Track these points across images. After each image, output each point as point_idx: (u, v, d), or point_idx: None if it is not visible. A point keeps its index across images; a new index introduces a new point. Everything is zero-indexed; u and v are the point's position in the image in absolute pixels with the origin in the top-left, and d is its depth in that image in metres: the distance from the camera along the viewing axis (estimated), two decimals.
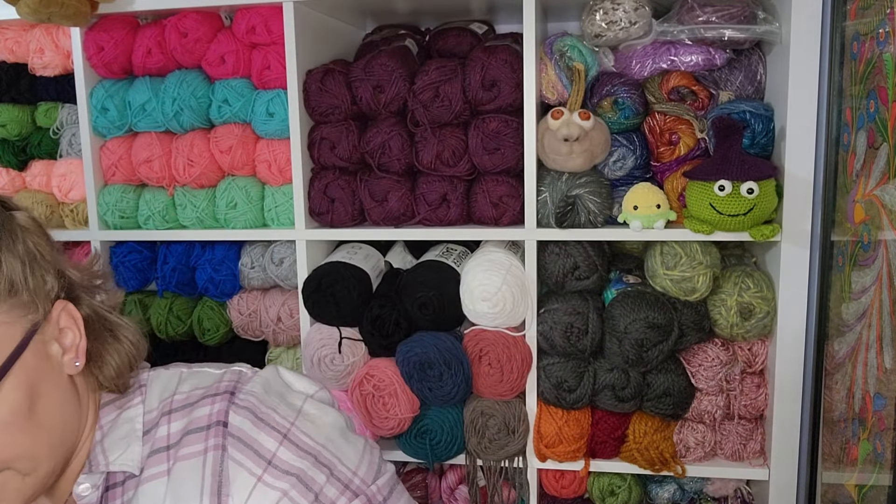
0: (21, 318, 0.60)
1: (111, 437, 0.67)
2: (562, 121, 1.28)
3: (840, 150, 1.20)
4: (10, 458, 0.59)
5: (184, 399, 0.68)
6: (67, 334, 0.65)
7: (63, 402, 0.64)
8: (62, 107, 1.58)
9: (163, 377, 0.72)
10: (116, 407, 0.69)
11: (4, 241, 0.61)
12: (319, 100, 1.40)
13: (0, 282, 0.59)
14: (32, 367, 0.60)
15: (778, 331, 1.30)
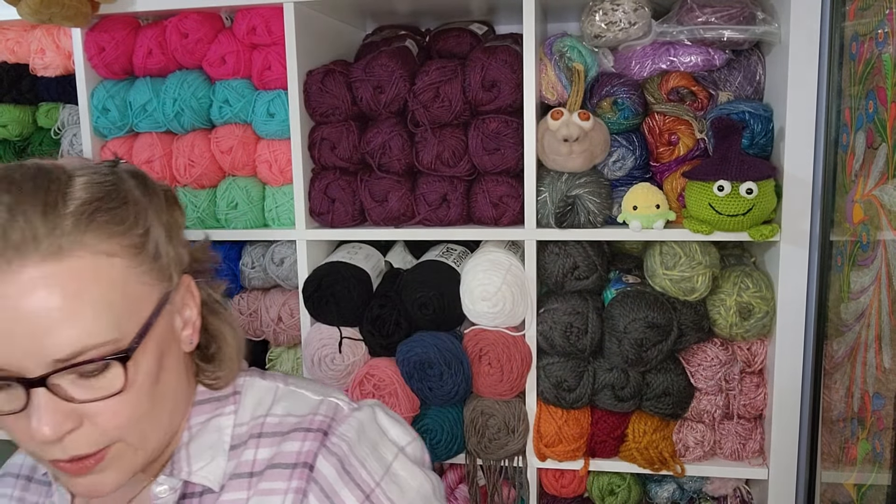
0: (158, 283, 0.60)
1: (198, 443, 0.66)
2: (561, 121, 1.28)
3: (839, 151, 1.20)
4: (129, 423, 0.58)
5: (276, 424, 0.66)
6: (187, 309, 0.65)
7: (179, 380, 0.64)
8: (63, 107, 1.58)
9: (258, 388, 0.70)
10: (209, 410, 0.68)
11: (154, 208, 0.62)
12: (320, 100, 1.40)
13: (149, 244, 0.60)
14: (162, 336, 0.60)
15: (777, 331, 1.30)
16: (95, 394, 0.56)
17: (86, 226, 0.55)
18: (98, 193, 0.57)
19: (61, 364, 0.53)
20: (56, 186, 0.56)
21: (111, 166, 0.63)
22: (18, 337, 0.53)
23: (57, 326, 0.53)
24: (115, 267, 0.56)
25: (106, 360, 0.55)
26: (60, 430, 0.54)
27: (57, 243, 0.53)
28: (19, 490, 0.74)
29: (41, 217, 0.54)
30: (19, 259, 0.52)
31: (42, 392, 0.54)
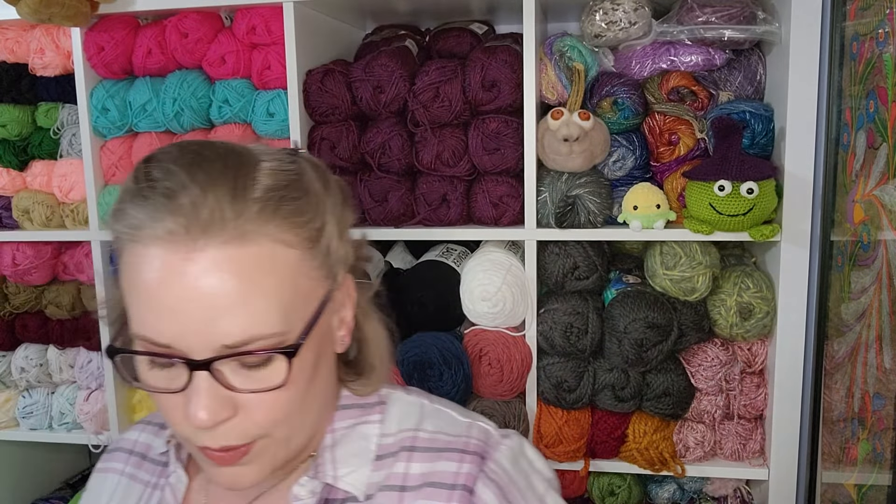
0: (325, 280, 0.60)
1: (343, 449, 0.64)
2: (562, 121, 1.28)
3: (840, 151, 1.20)
4: (282, 419, 0.57)
5: (428, 440, 0.64)
6: (344, 309, 0.64)
7: (328, 380, 0.63)
8: (62, 107, 1.58)
9: (404, 401, 0.68)
10: (353, 415, 0.66)
11: (331, 203, 0.61)
12: (319, 100, 1.40)
13: (323, 238, 0.59)
14: (322, 333, 0.59)
15: (777, 331, 1.30)
16: (255, 385, 0.54)
17: (271, 214, 0.54)
18: (282, 181, 0.56)
19: (228, 350, 0.53)
20: (245, 171, 0.55)
21: (292, 154, 0.62)
22: (191, 316, 0.52)
23: (229, 311, 0.52)
24: (290, 258, 0.55)
25: (273, 352, 0.54)
26: (216, 417, 0.53)
27: (242, 227, 0.52)
28: (132, 466, 0.73)
29: (230, 199, 0.53)
30: (204, 238, 0.52)
31: (204, 376, 0.53)
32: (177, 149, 0.57)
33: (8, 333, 1.66)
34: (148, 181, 0.54)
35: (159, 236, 0.52)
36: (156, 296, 0.53)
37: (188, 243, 0.52)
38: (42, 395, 1.67)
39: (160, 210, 0.52)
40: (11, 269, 1.59)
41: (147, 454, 0.73)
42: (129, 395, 1.62)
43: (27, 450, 1.80)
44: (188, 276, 0.51)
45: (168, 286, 0.52)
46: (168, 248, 0.52)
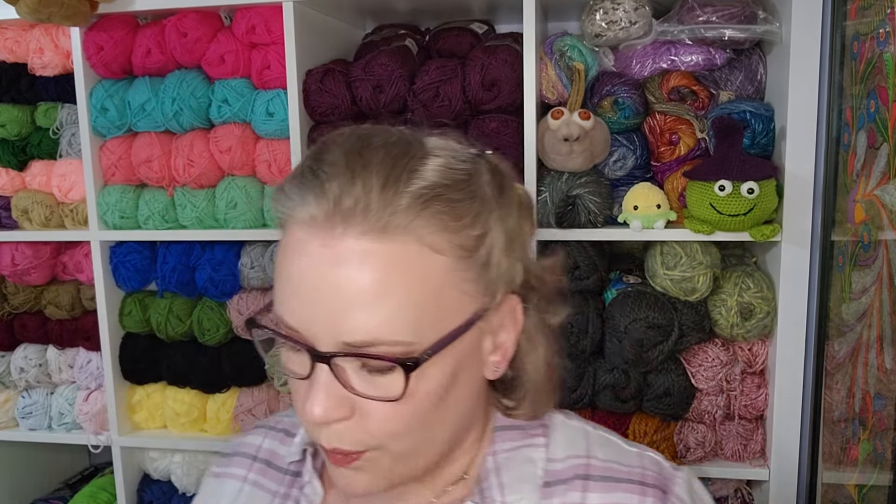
0: (478, 296, 0.54)
1: (508, 474, 0.60)
2: (562, 120, 1.28)
3: (840, 150, 1.19)
4: (397, 434, 0.53)
5: (603, 469, 0.60)
6: (503, 333, 0.58)
7: (466, 403, 0.58)
8: (62, 107, 1.57)
9: (568, 427, 0.64)
10: (515, 438, 0.62)
11: (501, 211, 0.56)
12: (319, 100, 1.40)
13: (481, 249, 0.53)
14: (463, 354, 0.54)
15: (778, 331, 1.30)
16: (373, 391, 0.51)
17: (420, 209, 0.50)
18: (445, 180, 0.52)
19: (349, 349, 0.50)
20: (406, 162, 0.52)
21: (475, 154, 0.58)
22: (319, 305, 0.50)
23: (357, 308, 0.49)
24: (435, 264, 0.51)
25: (391, 361, 0.50)
26: (330, 415, 0.51)
27: (386, 220, 0.49)
28: (255, 473, 0.70)
29: (379, 189, 0.50)
30: (343, 226, 0.49)
31: (325, 369, 0.51)
32: (349, 132, 0.56)
33: (7, 333, 1.66)
34: (311, 163, 0.54)
35: (303, 220, 0.52)
36: (291, 278, 0.52)
37: (327, 230, 0.50)
38: (41, 396, 1.67)
39: (308, 194, 0.52)
40: (11, 269, 1.59)
41: (272, 461, 0.70)
42: (129, 396, 1.62)
43: (26, 450, 1.80)
44: (321, 264, 0.50)
45: (302, 271, 0.51)
46: (309, 232, 0.51)
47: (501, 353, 0.59)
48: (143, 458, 1.67)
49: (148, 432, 1.62)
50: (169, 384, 1.60)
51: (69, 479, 1.91)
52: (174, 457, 1.64)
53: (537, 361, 0.62)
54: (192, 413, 1.58)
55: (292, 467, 0.69)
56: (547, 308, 0.63)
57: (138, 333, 1.58)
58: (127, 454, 1.63)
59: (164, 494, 1.67)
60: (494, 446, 0.62)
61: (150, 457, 1.65)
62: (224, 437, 1.57)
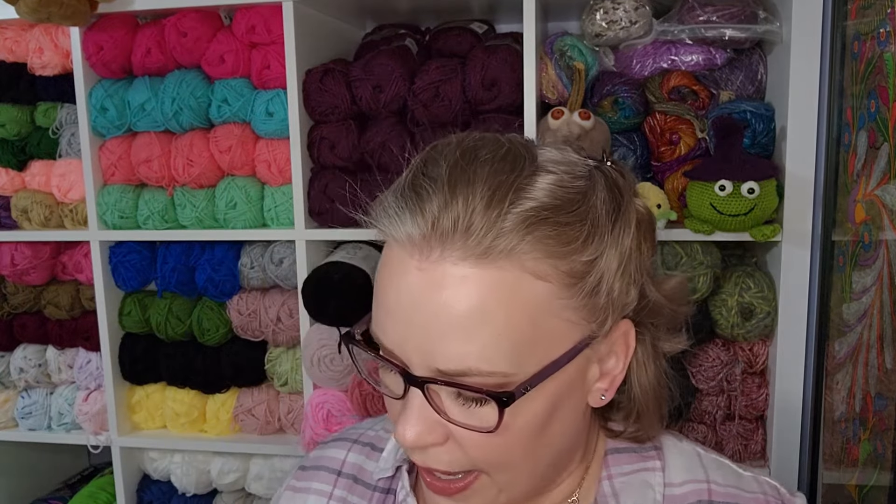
0: (584, 323, 0.51)
1: (628, 499, 0.58)
2: (562, 120, 1.27)
3: (841, 150, 1.19)
4: (497, 464, 0.51)
5: (725, 495, 0.58)
6: (612, 359, 0.55)
7: (570, 430, 0.55)
8: (61, 106, 1.57)
9: (681, 449, 0.62)
10: (631, 461, 0.60)
11: (617, 230, 0.52)
12: (319, 99, 1.39)
13: (592, 275, 0.50)
14: (567, 383, 0.51)
15: (779, 331, 1.29)
16: (467, 419, 0.49)
17: (525, 233, 0.47)
18: (554, 201, 0.49)
19: (442, 376, 0.48)
20: (513, 178, 0.48)
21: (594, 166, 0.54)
22: (414, 329, 0.48)
23: (450, 336, 0.47)
24: (538, 292, 0.48)
25: (485, 394, 0.47)
26: (422, 440, 0.50)
27: (487, 244, 0.46)
28: (342, 489, 0.67)
29: (482, 210, 0.46)
30: (441, 249, 0.47)
31: (418, 394, 0.50)
32: (456, 142, 0.52)
33: (6, 333, 1.66)
34: (413, 175, 0.51)
35: (400, 239, 0.49)
36: (387, 298, 0.50)
37: (424, 251, 0.48)
38: (41, 396, 1.67)
39: (405, 211, 0.49)
40: (10, 268, 1.59)
41: (359, 476, 0.67)
42: (129, 396, 1.62)
43: (26, 450, 1.80)
44: (416, 287, 0.48)
45: (398, 292, 0.49)
46: (407, 252, 0.49)
47: (609, 381, 0.55)
48: (142, 459, 1.67)
49: (147, 432, 1.62)
50: (168, 384, 1.60)
51: (69, 479, 1.91)
52: (174, 457, 1.63)
53: (646, 385, 0.59)
54: (192, 413, 1.58)
55: (381, 483, 0.66)
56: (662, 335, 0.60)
57: (138, 333, 1.58)
58: (126, 454, 1.63)
59: (163, 495, 1.67)
60: (609, 469, 0.60)
61: (149, 457, 1.65)
62: (224, 438, 1.57)
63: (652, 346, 0.59)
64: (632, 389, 0.59)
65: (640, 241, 0.55)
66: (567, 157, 0.53)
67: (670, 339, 0.60)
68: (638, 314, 0.56)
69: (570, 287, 0.49)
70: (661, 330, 0.59)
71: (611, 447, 0.61)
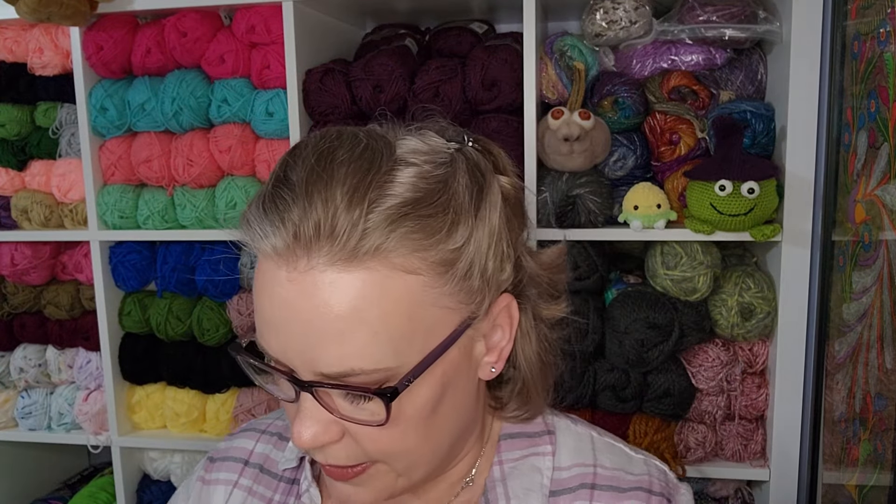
0: (462, 306, 0.51)
1: (515, 483, 0.59)
2: (562, 120, 1.27)
3: (841, 150, 1.19)
4: (393, 453, 0.53)
5: (610, 478, 0.59)
6: (497, 333, 0.56)
7: (463, 409, 0.56)
8: (61, 106, 1.57)
9: (573, 432, 0.63)
10: (522, 446, 0.61)
11: (482, 212, 0.52)
12: (319, 99, 1.39)
13: (461, 261, 0.50)
14: (452, 365, 0.52)
15: (779, 331, 1.29)
16: (358, 415, 0.50)
17: (389, 231, 0.47)
18: (417, 192, 0.49)
19: (326, 380, 0.49)
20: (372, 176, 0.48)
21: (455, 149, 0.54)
22: (293, 337, 0.49)
23: (328, 341, 0.47)
24: (409, 286, 0.48)
25: (370, 392, 0.48)
26: (319, 440, 0.51)
27: (352, 245, 0.46)
28: (248, 479, 0.68)
29: (344, 211, 0.47)
30: (307, 258, 0.47)
31: (309, 397, 0.50)
32: (313, 145, 0.52)
33: (6, 333, 1.66)
34: (272, 185, 0.51)
35: (266, 252, 0.50)
36: (264, 310, 0.51)
37: (291, 261, 0.48)
38: (41, 396, 1.67)
39: (267, 224, 0.49)
40: (10, 268, 1.59)
41: (265, 466, 0.69)
42: (128, 396, 1.62)
43: (26, 450, 1.80)
44: (289, 298, 0.48)
45: (272, 304, 0.49)
46: (275, 263, 0.49)
47: (497, 354, 0.57)
48: (142, 459, 1.67)
49: (147, 432, 1.62)
50: (168, 384, 1.60)
51: (69, 479, 1.91)
52: (174, 457, 1.63)
53: (530, 355, 0.60)
54: (192, 413, 1.58)
55: (287, 474, 0.67)
56: (542, 303, 0.61)
57: (138, 333, 1.58)
58: (126, 454, 1.63)
59: (163, 495, 1.66)
60: (501, 455, 0.61)
61: (149, 457, 1.65)
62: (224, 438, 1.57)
63: (533, 316, 0.60)
64: (517, 359, 0.60)
65: (509, 217, 0.55)
66: (428, 143, 0.53)
67: (550, 307, 0.61)
68: (517, 287, 0.57)
69: (442, 275, 0.49)
70: (541, 298, 0.60)
71: (504, 433, 0.62)
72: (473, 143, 0.57)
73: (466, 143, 0.56)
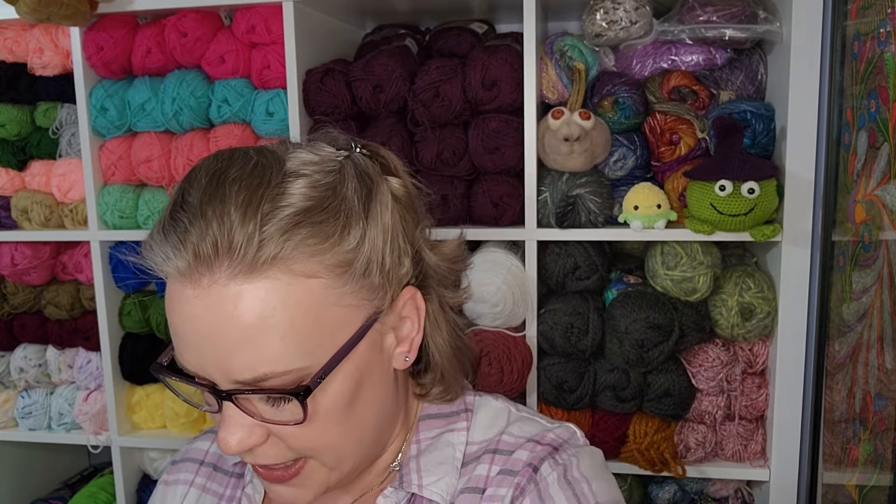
0: (365, 303, 0.54)
1: (428, 458, 0.62)
2: (562, 120, 1.27)
3: (841, 150, 1.19)
4: (319, 448, 0.55)
5: (511, 444, 0.62)
6: (406, 324, 0.59)
7: (383, 399, 0.59)
8: (61, 106, 1.57)
9: (491, 408, 0.66)
10: (439, 425, 0.64)
11: (373, 213, 0.55)
12: (319, 99, 1.39)
13: (359, 261, 0.53)
14: (364, 359, 0.55)
15: (779, 331, 1.29)
16: (279, 416, 0.53)
17: (284, 240, 0.50)
18: (308, 201, 0.52)
19: (243, 386, 0.52)
20: (263, 191, 0.51)
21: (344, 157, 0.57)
22: (205, 351, 0.52)
23: (240, 350, 0.50)
24: (311, 290, 0.51)
25: (284, 393, 0.51)
26: (245, 444, 0.53)
27: (250, 256, 0.49)
28: (203, 477, 0.71)
29: (239, 226, 0.49)
30: (210, 274, 0.50)
31: (229, 405, 0.53)
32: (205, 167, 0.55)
33: (6, 333, 1.66)
34: (171, 208, 0.54)
35: (172, 274, 0.53)
36: (176, 328, 0.53)
37: (195, 279, 0.51)
38: (41, 396, 1.67)
39: (168, 247, 0.52)
40: (10, 268, 1.59)
41: (219, 465, 0.72)
42: (128, 396, 1.62)
43: (26, 450, 1.80)
44: (197, 314, 0.51)
45: (183, 321, 0.52)
46: (180, 283, 0.52)
47: (409, 344, 0.60)
48: (142, 459, 1.67)
49: (147, 432, 1.62)
50: None
51: (69, 479, 1.91)
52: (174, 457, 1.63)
53: (441, 343, 0.64)
54: (192, 413, 1.58)
55: (237, 469, 0.70)
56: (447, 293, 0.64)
57: (138, 333, 1.58)
58: (126, 454, 1.63)
59: None
60: (419, 434, 0.64)
61: (149, 457, 1.65)
62: None
63: (439, 305, 0.64)
64: (430, 346, 0.64)
65: (402, 215, 0.59)
66: (318, 153, 0.56)
67: (454, 295, 0.65)
68: (419, 279, 0.61)
69: (341, 276, 0.52)
70: (445, 288, 0.64)
71: (424, 413, 0.65)
72: (362, 148, 0.61)
73: (354, 149, 0.59)
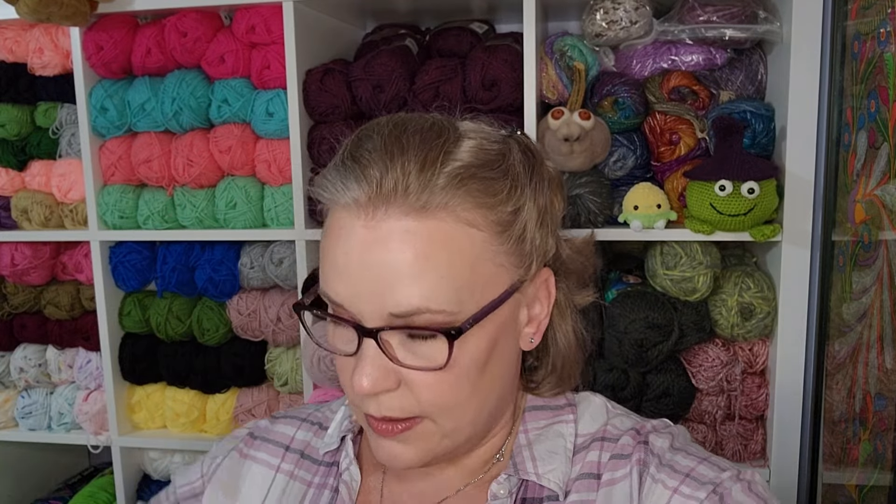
0: (514, 269, 0.57)
1: (540, 447, 0.63)
2: (562, 120, 1.27)
3: (841, 150, 1.19)
4: (445, 405, 0.56)
5: (616, 434, 0.64)
6: (536, 305, 0.62)
7: (507, 373, 0.61)
8: (61, 106, 1.57)
9: (593, 404, 0.68)
10: (546, 416, 0.66)
11: (533, 186, 0.59)
12: (319, 99, 1.39)
13: (517, 224, 0.57)
14: (501, 324, 0.58)
15: (778, 331, 1.29)
16: (418, 361, 0.55)
17: (455, 188, 0.54)
18: (479, 160, 0.56)
19: (395, 320, 0.54)
20: (442, 144, 0.55)
21: (506, 135, 0.61)
22: (364, 282, 0.54)
23: (400, 282, 0.53)
24: (472, 239, 0.54)
25: (435, 330, 0.53)
26: (378, 386, 0.55)
27: (424, 200, 0.53)
28: (290, 464, 0.71)
29: (417, 171, 0.53)
30: (385, 208, 0.53)
31: (372, 344, 0.54)
32: (385, 121, 0.59)
33: (6, 333, 1.66)
34: (351, 150, 0.57)
35: (346, 203, 0.55)
36: (337, 259, 0.56)
37: (370, 212, 0.53)
38: (41, 396, 1.67)
39: (350, 179, 0.55)
40: (10, 269, 1.59)
41: (306, 452, 0.72)
42: (129, 396, 1.62)
43: (26, 450, 1.80)
44: (365, 244, 0.53)
45: (347, 251, 0.55)
46: (353, 214, 0.54)
47: (536, 325, 0.62)
48: (142, 459, 1.67)
49: (148, 432, 1.62)
50: (168, 384, 1.60)
51: (69, 479, 1.91)
52: (174, 457, 1.64)
53: (567, 334, 0.66)
54: (192, 413, 1.58)
55: (327, 458, 0.71)
56: (575, 289, 0.67)
57: (138, 333, 1.58)
58: (126, 454, 1.63)
59: None
60: (526, 425, 0.65)
61: (149, 457, 1.65)
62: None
63: (566, 298, 0.66)
64: (555, 335, 0.66)
65: (553, 196, 0.62)
66: (482, 127, 0.61)
67: (581, 293, 0.68)
68: (555, 264, 0.64)
69: (500, 234, 0.56)
70: (572, 282, 0.67)
71: (530, 405, 0.67)
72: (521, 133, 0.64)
73: (516, 131, 0.63)
